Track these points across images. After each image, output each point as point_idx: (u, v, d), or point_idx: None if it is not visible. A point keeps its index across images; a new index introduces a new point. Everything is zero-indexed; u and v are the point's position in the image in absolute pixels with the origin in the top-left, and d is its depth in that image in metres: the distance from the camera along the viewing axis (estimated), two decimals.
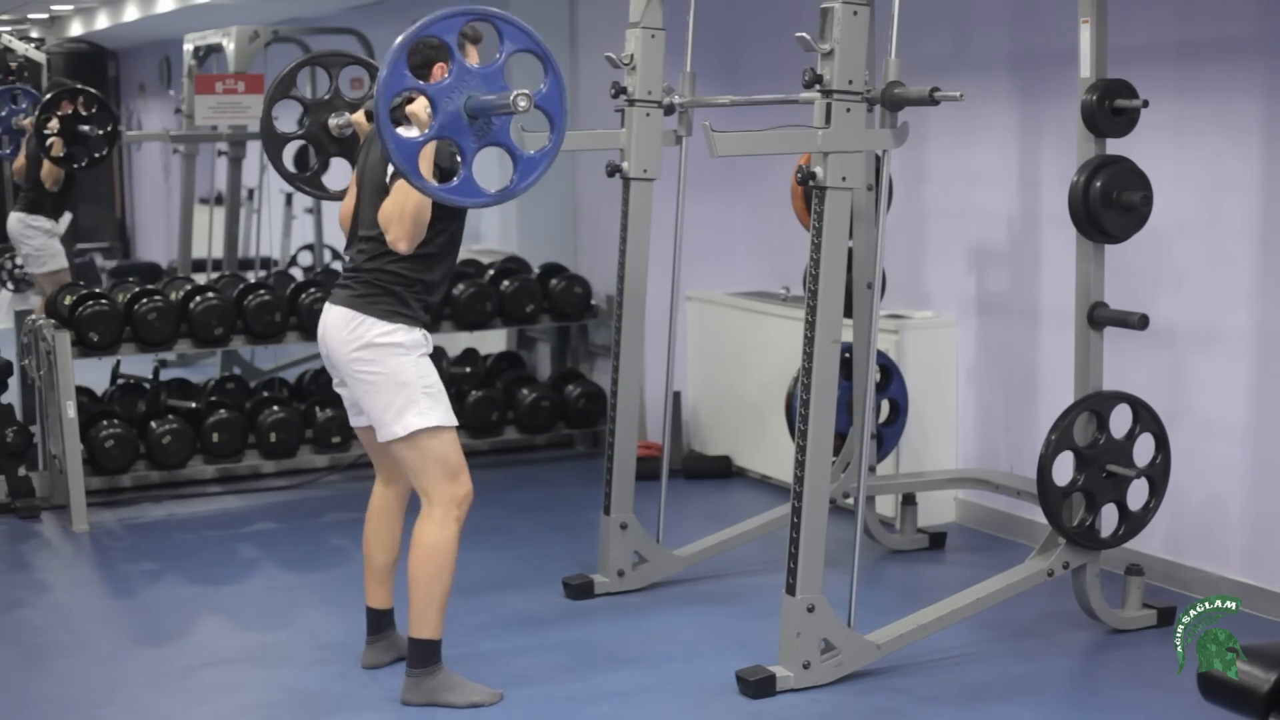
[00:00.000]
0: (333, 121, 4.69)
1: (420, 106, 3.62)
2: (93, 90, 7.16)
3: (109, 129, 7.03)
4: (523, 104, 3.36)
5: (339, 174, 4.65)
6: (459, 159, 3.47)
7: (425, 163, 3.61)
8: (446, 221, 3.99)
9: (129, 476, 6.48)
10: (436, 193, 3.52)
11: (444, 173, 3.72)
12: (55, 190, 7.97)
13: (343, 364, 4.04)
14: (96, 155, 7.08)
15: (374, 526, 4.30)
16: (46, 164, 7.34)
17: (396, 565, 4.34)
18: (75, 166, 7.16)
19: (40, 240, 8.14)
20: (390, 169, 3.86)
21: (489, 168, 4.80)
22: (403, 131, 3.52)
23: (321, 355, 4.17)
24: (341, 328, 4.02)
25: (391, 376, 3.97)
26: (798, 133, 4.11)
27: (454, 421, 4.07)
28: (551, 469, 6.95)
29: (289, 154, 5.13)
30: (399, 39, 3.46)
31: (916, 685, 4.21)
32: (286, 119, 4.78)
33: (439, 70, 3.84)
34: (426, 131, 3.46)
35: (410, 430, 3.97)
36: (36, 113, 7.12)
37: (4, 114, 8.10)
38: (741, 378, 6.61)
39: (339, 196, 4.73)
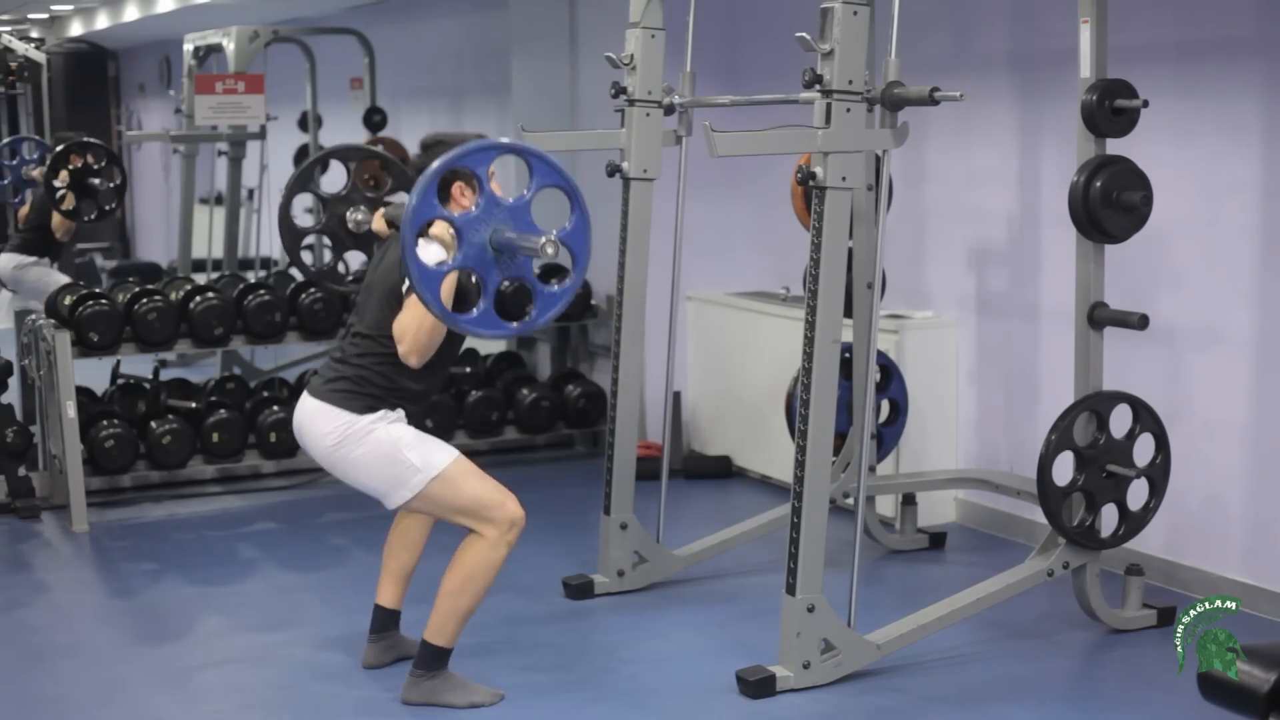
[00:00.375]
0: (350, 216, 4.71)
1: (443, 228, 3.61)
2: (100, 143, 7.20)
3: (118, 182, 7.07)
4: (550, 251, 3.38)
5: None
6: (481, 288, 3.47)
7: (446, 289, 3.63)
8: (455, 337, 3.99)
9: (129, 476, 6.49)
10: (457, 323, 3.54)
11: (465, 296, 3.75)
12: (64, 240, 8.00)
13: (323, 458, 4.02)
14: (107, 208, 7.13)
15: (400, 529, 4.30)
16: (57, 215, 7.36)
17: (414, 570, 4.34)
18: (86, 220, 7.19)
19: (39, 271, 8.13)
20: (408, 283, 3.81)
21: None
22: (424, 254, 3.52)
23: (298, 439, 4.13)
24: (318, 423, 3.98)
25: (373, 452, 3.94)
26: (798, 133, 4.11)
27: (451, 453, 3.98)
28: (551, 469, 6.95)
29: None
30: (432, 167, 3.44)
31: (916, 685, 4.21)
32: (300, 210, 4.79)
33: (457, 190, 3.85)
34: (449, 259, 3.48)
35: (417, 490, 3.93)
36: (47, 165, 7.17)
37: (15, 163, 8.18)
38: (741, 378, 6.61)
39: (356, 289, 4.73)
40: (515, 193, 3.55)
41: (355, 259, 5.19)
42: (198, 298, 6.45)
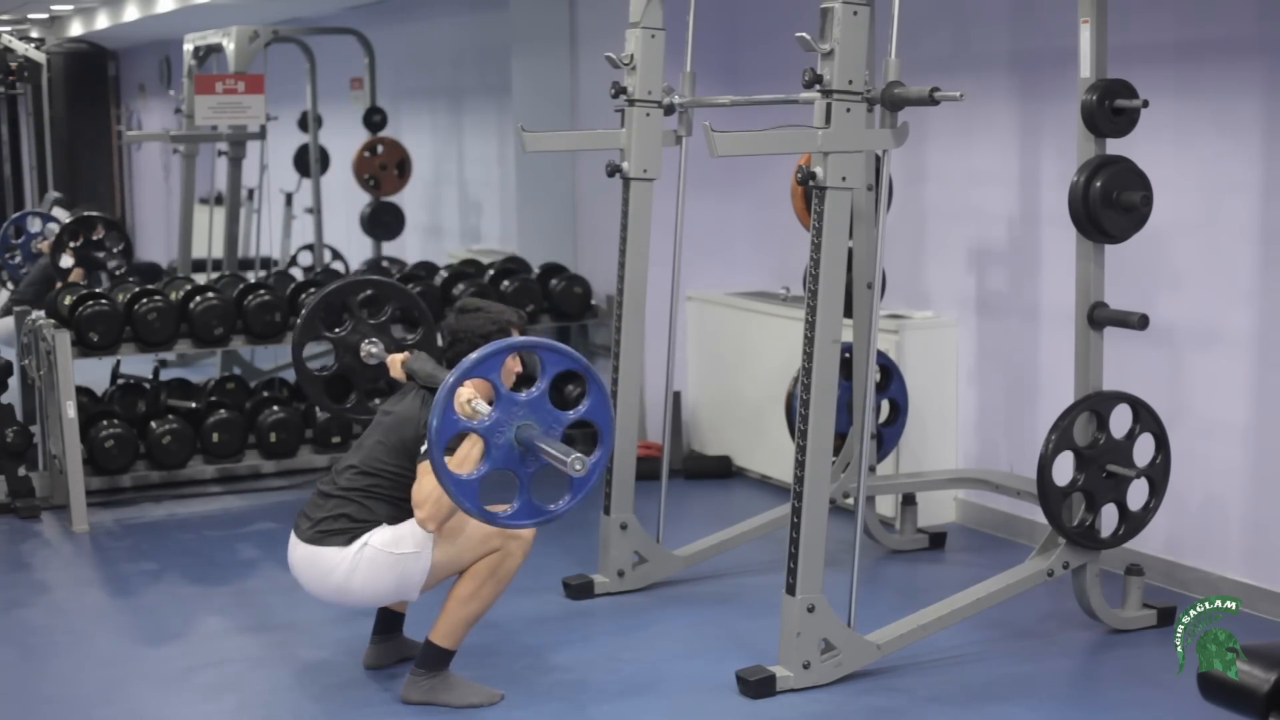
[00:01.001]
0: (365, 349, 4.72)
1: (463, 400, 3.61)
2: (99, 214, 7.23)
3: (122, 246, 7.11)
4: (578, 468, 3.50)
5: None
6: (518, 483, 3.57)
7: (471, 458, 3.68)
8: None
9: (129, 476, 6.48)
10: (495, 519, 3.62)
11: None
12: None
13: (331, 597, 4.06)
14: (117, 273, 7.17)
15: None
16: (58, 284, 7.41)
17: None
18: (83, 288, 7.24)
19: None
20: (426, 445, 3.79)
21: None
22: (455, 467, 3.61)
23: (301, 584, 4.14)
24: (315, 568, 4.01)
25: (372, 569, 3.95)
26: (798, 133, 4.11)
27: (433, 526, 3.89)
28: (551, 469, 6.93)
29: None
30: (447, 382, 3.53)
31: (916, 685, 4.21)
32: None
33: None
34: (476, 468, 3.58)
35: (428, 568, 3.95)
36: (52, 242, 7.24)
37: (22, 240, 8.32)
38: (741, 378, 6.61)
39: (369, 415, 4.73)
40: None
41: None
42: (198, 298, 6.44)
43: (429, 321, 4.87)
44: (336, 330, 4.77)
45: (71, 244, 7.11)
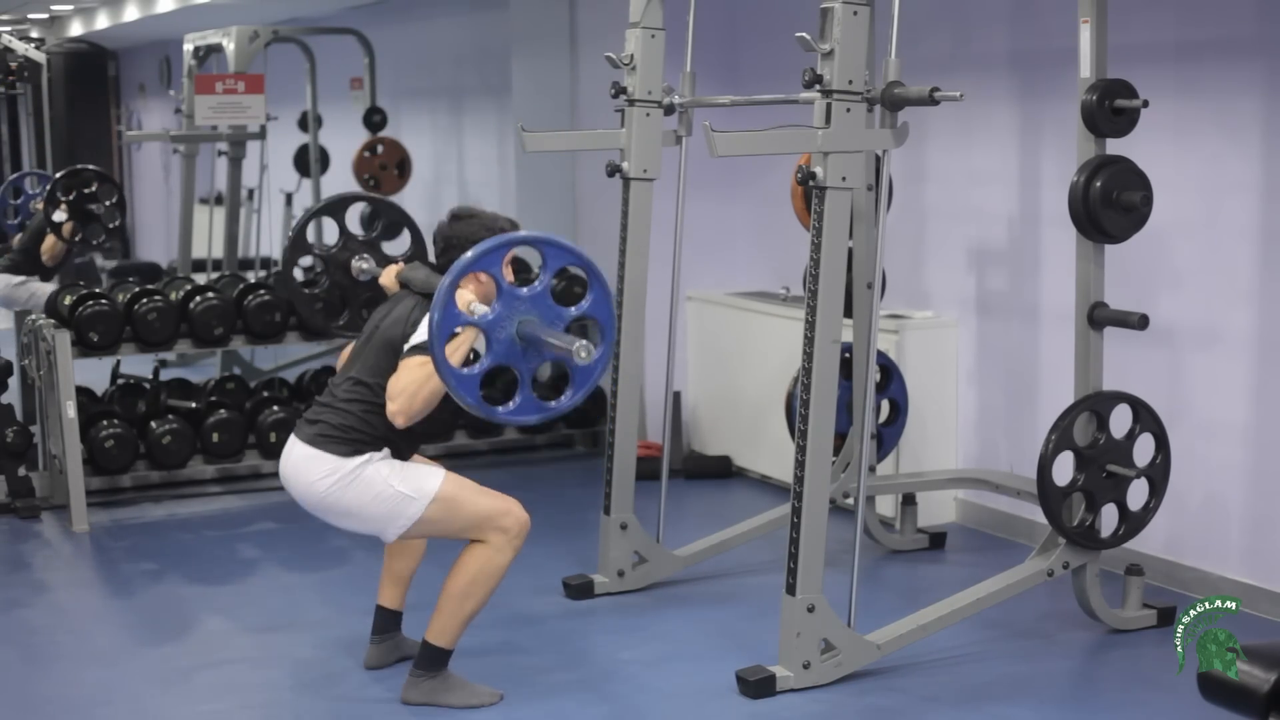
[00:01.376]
0: (356, 265, 4.71)
1: (466, 301, 3.59)
2: (92, 168, 7.21)
3: (115, 199, 7.09)
4: (584, 355, 3.46)
5: None
6: (479, 355, 3.52)
7: (457, 349, 3.62)
8: (443, 404, 3.89)
9: (129, 476, 6.48)
10: (495, 414, 3.60)
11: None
12: (50, 265, 8.01)
13: (313, 505, 3.98)
14: (111, 226, 7.15)
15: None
16: (48, 239, 7.37)
17: (415, 572, 4.34)
18: (94, 244, 7.22)
19: (34, 285, 8.16)
20: (413, 340, 3.82)
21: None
22: (453, 356, 3.57)
23: (287, 489, 4.08)
24: (307, 470, 3.94)
25: (364, 493, 3.90)
26: (798, 133, 4.11)
27: (440, 474, 3.97)
28: (551, 469, 6.95)
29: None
30: (447, 277, 3.51)
31: (916, 685, 4.22)
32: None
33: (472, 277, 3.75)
34: (481, 363, 3.55)
35: (415, 518, 3.91)
36: (45, 194, 7.20)
37: (21, 201, 8.26)
38: (741, 378, 6.61)
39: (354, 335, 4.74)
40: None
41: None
42: (198, 298, 6.44)
43: (420, 237, 4.84)
44: (328, 248, 4.76)
45: (64, 199, 7.08)
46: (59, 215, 7.13)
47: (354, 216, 4.90)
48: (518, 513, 3.95)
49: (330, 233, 9.27)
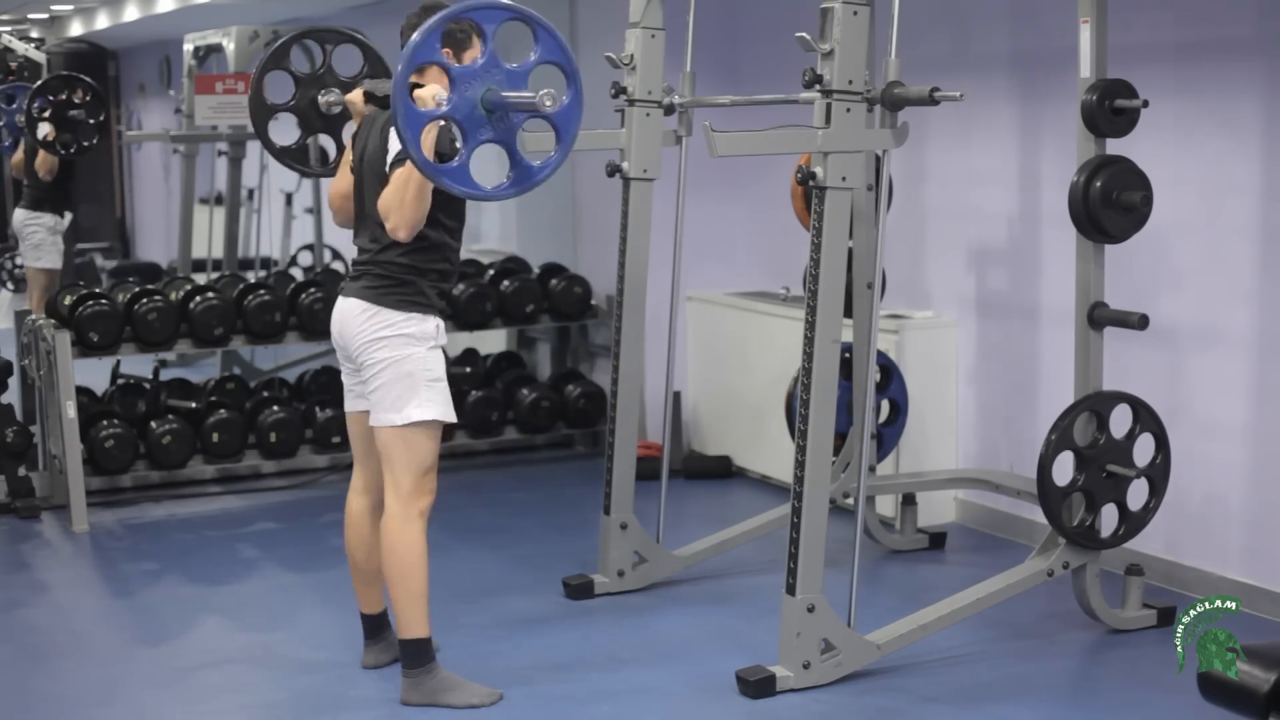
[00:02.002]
0: (323, 98, 4.71)
1: (429, 93, 3.63)
2: (88, 79, 7.18)
3: (100, 118, 7.05)
4: (549, 104, 3.38)
5: None
6: (459, 146, 3.47)
7: (426, 143, 3.60)
8: (443, 209, 3.97)
9: (129, 476, 6.49)
10: (427, 168, 3.50)
11: (441, 158, 3.70)
12: (50, 181, 7.98)
13: (355, 352, 4.06)
14: (85, 144, 7.09)
15: (354, 534, 4.28)
16: (40, 153, 7.37)
17: (379, 566, 4.33)
18: (63, 152, 7.18)
19: (42, 235, 8.22)
20: (389, 158, 3.88)
21: (488, 165, 4.81)
22: (414, 96, 3.52)
23: (334, 343, 4.17)
24: (355, 319, 4.04)
25: (399, 365, 3.99)
26: (798, 133, 4.11)
27: (452, 417, 4.09)
28: (551, 469, 6.95)
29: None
30: (440, 14, 3.48)
31: (916, 685, 4.21)
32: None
33: (446, 54, 3.81)
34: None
35: (408, 421, 3.98)
36: (28, 99, 7.16)
37: (13, 108, 8.16)
38: (741, 378, 6.61)
39: (325, 173, 4.82)
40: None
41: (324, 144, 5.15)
42: (198, 298, 6.44)
43: (375, 53, 4.87)
44: (289, 101, 4.79)
45: (42, 116, 7.06)
46: (44, 129, 7.10)
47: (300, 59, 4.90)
48: (430, 499, 4.06)
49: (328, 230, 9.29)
